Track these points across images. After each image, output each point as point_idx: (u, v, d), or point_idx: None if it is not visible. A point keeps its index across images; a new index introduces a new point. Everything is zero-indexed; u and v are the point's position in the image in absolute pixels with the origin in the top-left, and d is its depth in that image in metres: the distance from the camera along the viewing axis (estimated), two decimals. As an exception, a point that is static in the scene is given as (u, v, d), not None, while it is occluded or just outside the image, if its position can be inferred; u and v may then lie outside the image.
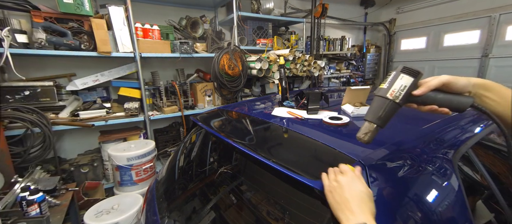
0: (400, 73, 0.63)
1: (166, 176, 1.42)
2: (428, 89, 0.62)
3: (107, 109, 2.49)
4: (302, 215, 0.74)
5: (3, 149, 1.76)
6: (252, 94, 3.33)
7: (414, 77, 0.62)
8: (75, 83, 2.35)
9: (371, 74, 5.46)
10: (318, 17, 3.89)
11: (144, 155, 2.24)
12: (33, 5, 2.13)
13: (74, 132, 2.69)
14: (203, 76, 3.19)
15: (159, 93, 2.81)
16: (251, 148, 0.90)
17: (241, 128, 1.25)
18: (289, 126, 1.11)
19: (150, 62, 3.03)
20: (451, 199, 0.74)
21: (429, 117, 1.17)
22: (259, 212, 0.86)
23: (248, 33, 3.28)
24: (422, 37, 4.73)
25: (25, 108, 2.00)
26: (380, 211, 0.61)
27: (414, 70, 0.62)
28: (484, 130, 1.06)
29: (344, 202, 0.57)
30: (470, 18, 4.00)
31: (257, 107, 1.62)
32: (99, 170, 2.51)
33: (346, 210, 0.56)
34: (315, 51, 4.13)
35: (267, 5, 3.37)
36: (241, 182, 1.01)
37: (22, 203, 1.42)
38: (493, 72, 3.87)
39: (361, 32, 5.40)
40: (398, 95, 0.62)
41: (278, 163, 0.77)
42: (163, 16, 3.05)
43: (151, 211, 1.22)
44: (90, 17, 2.25)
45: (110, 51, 2.30)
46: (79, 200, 2.03)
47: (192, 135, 1.52)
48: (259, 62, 2.78)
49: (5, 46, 1.85)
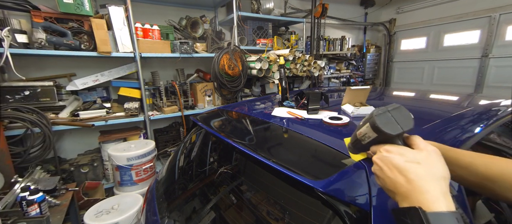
0: (367, 122, 0.53)
1: (166, 176, 1.42)
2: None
3: (107, 109, 2.49)
4: (302, 215, 0.74)
5: (3, 149, 1.76)
6: (252, 94, 3.33)
7: (378, 133, 0.50)
8: (75, 83, 2.35)
9: (371, 74, 5.46)
10: (318, 17, 3.89)
11: (144, 155, 2.24)
12: (33, 5, 2.13)
13: (74, 132, 2.69)
14: (203, 76, 3.19)
15: (159, 93, 2.82)
16: (251, 148, 0.90)
17: (241, 128, 1.25)
18: (289, 126, 1.10)
19: (150, 62, 3.03)
20: (451, 199, 0.74)
21: (429, 117, 1.17)
22: (259, 212, 0.86)
23: (248, 33, 3.28)
24: (422, 37, 4.73)
25: (25, 108, 2.00)
26: (381, 211, 0.61)
27: (379, 128, 0.49)
28: (484, 130, 1.05)
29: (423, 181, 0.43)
30: (470, 18, 4.00)
31: (257, 107, 1.62)
32: (99, 170, 2.51)
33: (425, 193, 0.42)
34: (315, 51, 4.13)
35: (267, 5, 3.37)
36: (241, 182, 1.01)
37: (22, 203, 1.42)
38: (493, 72, 3.87)
39: (361, 32, 5.40)
40: (363, 138, 0.56)
41: (278, 163, 0.77)
42: (163, 16, 3.05)
43: (151, 211, 1.22)
44: (90, 17, 2.25)
45: (110, 51, 2.30)
46: (79, 200, 2.03)
47: (192, 135, 1.51)
48: (259, 62, 2.78)
49: (5, 46, 1.85)
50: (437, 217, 0.38)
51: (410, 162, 0.45)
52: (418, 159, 0.46)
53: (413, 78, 5.00)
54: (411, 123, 0.49)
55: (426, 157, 0.46)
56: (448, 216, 0.38)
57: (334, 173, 0.69)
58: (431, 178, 0.43)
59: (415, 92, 1.92)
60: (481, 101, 1.51)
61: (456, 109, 1.33)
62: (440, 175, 0.44)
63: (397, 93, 1.97)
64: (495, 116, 1.18)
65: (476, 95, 2.08)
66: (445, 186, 0.42)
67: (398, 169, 0.46)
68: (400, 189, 0.45)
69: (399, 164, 0.46)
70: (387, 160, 0.48)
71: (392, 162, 0.47)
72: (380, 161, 0.50)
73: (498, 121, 1.14)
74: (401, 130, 0.49)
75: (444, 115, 1.18)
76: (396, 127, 0.48)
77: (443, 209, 0.39)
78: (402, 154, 0.47)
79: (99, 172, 2.51)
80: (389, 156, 0.48)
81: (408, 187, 0.43)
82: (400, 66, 5.24)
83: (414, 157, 0.46)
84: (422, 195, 0.41)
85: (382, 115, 0.49)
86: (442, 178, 0.44)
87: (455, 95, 1.77)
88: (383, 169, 0.48)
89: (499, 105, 1.38)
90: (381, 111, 0.50)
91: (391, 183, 0.47)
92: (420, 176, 0.43)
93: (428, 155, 0.47)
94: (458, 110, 1.25)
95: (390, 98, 1.84)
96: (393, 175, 0.46)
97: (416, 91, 1.94)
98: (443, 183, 0.43)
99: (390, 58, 5.33)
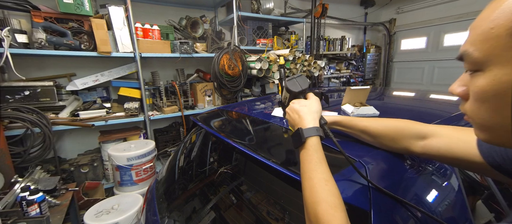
0: (284, 88, 0.82)
1: (166, 176, 1.42)
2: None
3: (107, 109, 2.49)
4: (302, 215, 0.74)
5: (3, 149, 1.76)
6: (252, 94, 3.33)
7: (289, 93, 0.80)
8: (75, 83, 2.35)
9: (371, 74, 5.46)
10: (318, 17, 3.89)
11: (144, 155, 2.24)
12: (33, 5, 2.12)
13: (74, 132, 2.69)
14: (203, 76, 3.19)
15: (159, 93, 2.82)
16: (251, 148, 0.90)
17: (241, 128, 1.25)
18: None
19: (150, 62, 3.03)
20: (451, 199, 0.74)
21: (429, 117, 1.17)
22: (259, 212, 0.86)
23: (248, 33, 3.28)
24: (422, 37, 4.74)
25: (25, 108, 2.00)
26: (381, 210, 0.61)
27: (289, 88, 0.78)
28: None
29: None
30: (470, 18, 4.00)
31: (257, 107, 1.62)
32: (99, 170, 2.51)
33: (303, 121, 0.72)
34: (315, 51, 4.13)
35: (267, 5, 3.37)
36: (241, 182, 1.01)
37: (22, 203, 1.42)
38: (493, 72, 3.87)
39: (361, 32, 5.40)
40: (284, 100, 0.85)
41: (278, 163, 0.77)
42: (163, 16, 3.05)
43: (151, 211, 1.22)
44: (90, 17, 2.25)
45: (110, 51, 2.30)
46: (79, 200, 2.03)
47: (192, 135, 1.51)
48: (259, 62, 2.78)
49: (5, 46, 1.85)
50: (307, 130, 0.67)
51: (301, 106, 0.74)
52: (306, 104, 0.75)
53: (413, 78, 5.00)
54: (307, 84, 0.78)
55: (310, 102, 0.75)
56: (312, 128, 0.68)
57: (334, 173, 0.69)
58: (309, 112, 0.72)
59: (415, 92, 1.92)
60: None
61: (456, 109, 1.33)
62: (314, 110, 0.73)
63: (397, 93, 1.97)
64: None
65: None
66: (316, 116, 0.72)
67: (295, 111, 0.74)
68: (296, 122, 0.73)
69: (296, 108, 0.75)
70: (291, 107, 0.77)
71: (293, 107, 0.76)
72: (288, 109, 0.78)
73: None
74: (300, 88, 0.77)
75: (444, 115, 1.18)
76: (297, 87, 0.77)
77: (311, 126, 0.68)
78: (299, 102, 0.76)
79: (99, 172, 2.51)
80: (292, 105, 0.77)
81: (299, 120, 0.72)
82: (400, 66, 5.24)
83: (304, 103, 0.75)
84: (303, 121, 0.70)
85: (291, 80, 0.78)
86: (315, 112, 0.73)
87: (455, 95, 1.76)
88: (289, 113, 0.77)
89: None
90: (290, 78, 0.79)
91: (292, 120, 0.75)
92: (304, 112, 0.72)
93: (311, 101, 0.76)
94: (458, 110, 1.25)
95: (390, 98, 1.84)
96: (293, 115, 0.75)
97: (416, 91, 1.94)
98: (315, 114, 0.72)
99: (390, 58, 5.33)
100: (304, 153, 0.65)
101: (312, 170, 0.60)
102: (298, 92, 0.78)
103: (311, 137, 0.66)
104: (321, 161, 0.62)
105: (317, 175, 0.59)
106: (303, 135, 0.67)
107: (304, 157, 0.64)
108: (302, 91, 0.78)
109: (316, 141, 0.66)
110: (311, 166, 0.61)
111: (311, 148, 0.64)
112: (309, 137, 0.66)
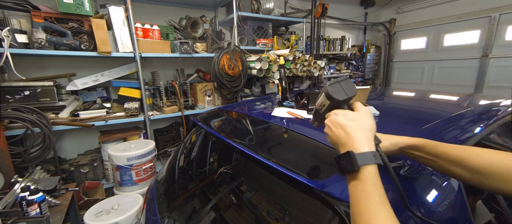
0: (323, 93, 0.65)
1: (166, 176, 1.42)
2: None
3: (107, 109, 2.49)
4: (302, 215, 0.74)
5: (3, 149, 1.76)
6: (252, 94, 3.33)
7: (330, 100, 0.63)
8: (75, 83, 2.35)
9: (371, 74, 5.46)
10: (318, 17, 3.89)
11: (144, 155, 2.24)
12: (33, 5, 2.12)
13: (74, 132, 2.69)
14: (203, 76, 3.19)
15: (159, 93, 2.82)
16: (251, 148, 0.90)
17: (241, 128, 1.25)
18: (289, 126, 1.10)
19: (150, 62, 3.03)
20: (451, 199, 0.74)
21: (429, 117, 1.17)
22: (259, 212, 0.86)
23: (248, 33, 3.28)
24: (422, 37, 4.73)
25: (25, 108, 2.00)
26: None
27: (331, 95, 0.61)
28: (484, 130, 1.05)
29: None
30: (470, 18, 4.00)
31: (257, 107, 1.62)
32: (99, 170, 2.51)
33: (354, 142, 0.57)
34: (315, 51, 4.13)
35: (267, 5, 3.37)
36: (241, 182, 1.01)
37: (22, 203, 1.42)
38: (493, 72, 3.87)
39: (361, 32, 5.40)
40: (320, 108, 0.68)
41: (278, 163, 0.77)
42: (163, 16, 3.05)
43: (151, 211, 1.22)
44: (90, 17, 2.25)
45: (110, 51, 2.30)
46: (79, 200, 2.03)
47: (192, 135, 1.51)
48: (259, 62, 2.78)
49: (5, 46, 1.85)
50: (360, 155, 0.53)
51: (349, 120, 0.59)
52: (354, 118, 0.59)
53: (413, 78, 5.00)
54: (354, 91, 0.61)
55: (360, 115, 0.60)
56: (368, 154, 0.53)
57: (334, 173, 0.69)
58: (361, 130, 0.57)
59: (415, 92, 1.92)
60: (481, 101, 1.51)
61: (456, 109, 1.33)
62: (367, 127, 0.58)
63: (397, 93, 1.97)
64: (495, 116, 1.18)
65: (476, 95, 2.08)
66: (370, 135, 0.57)
67: (341, 125, 0.59)
68: (341, 140, 0.58)
69: (341, 122, 0.59)
70: (334, 120, 0.61)
71: (337, 121, 0.60)
72: (329, 122, 0.63)
73: (498, 121, 1.14)
74: (346, 96, 0.60)
75: (444, 115, 1.18)
76: (342, 94, 0.61)
77: (365, 150, 0.54)
78: (344, 115, 0.60)
79: (99, 172, 2.51)
80: (335, 117, 0.61)
81: (346, 138, 0.57)
82: (400, 66, 5.23)
83: (352, 116, 0.60)
84: (353, 142, 0.56)
85: (333, 85, 0.61)
86: (369, 130, 0.58)
87: (455, 95, 1.77)
88: (331, 127, 0.61)
89: (499, 105, 1.38)
90: (333, 82, 0.62)
91: (335, 137, 0.60)
92: (354, 129, 0.57)
93: (362, 114, 0.61)
94: (458, 110, 1.25)
95: (390, 98, 1.84)
96: (337, 130, 0.60)
97: (416, 91, 1.94)
98: (369, 133, 0.57)
99: (390, 58, 5.33)
100: (357, 186, 0.52)
101: (372, 213, 0.47)
102: (343, 100, 0.61)
103: (367, 166, 0.52)
104: (383, 200, 0.48)
105: (381, 221, 0.46)
106: (356, 162, 0.52)
107: (358, 191, 0.51)
108: (347, 99, 0.61)
109: (374, 172, 0.52)
110: (370, 207, 0.48)
111: (368, 181, 0.51)
112: (364, 165, 0.52)
